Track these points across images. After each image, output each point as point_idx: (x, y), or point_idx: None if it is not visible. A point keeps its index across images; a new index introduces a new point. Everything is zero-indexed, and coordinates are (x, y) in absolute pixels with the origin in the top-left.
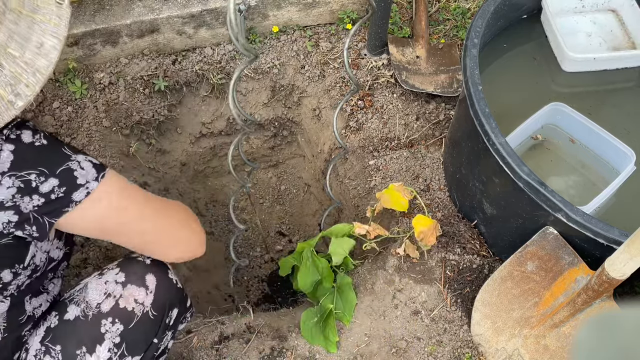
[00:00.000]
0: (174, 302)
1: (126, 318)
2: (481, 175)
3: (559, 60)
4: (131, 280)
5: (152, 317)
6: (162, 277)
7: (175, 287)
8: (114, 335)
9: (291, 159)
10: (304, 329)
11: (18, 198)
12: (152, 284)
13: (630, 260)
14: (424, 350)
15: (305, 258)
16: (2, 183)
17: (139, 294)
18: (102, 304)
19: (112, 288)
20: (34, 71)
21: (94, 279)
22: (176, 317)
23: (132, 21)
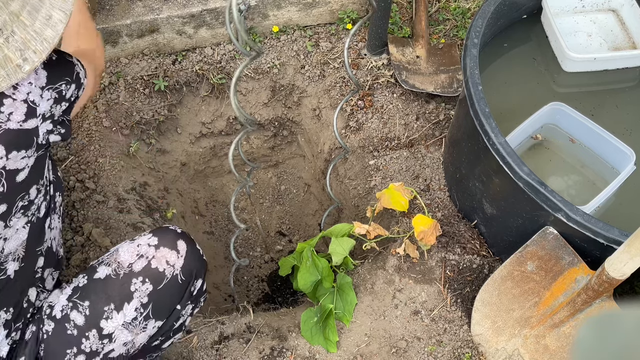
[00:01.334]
0: (200, 271)
1: (157, 278)
2: (481, 175)
3: (559, 60)
4: (164, 244)
5: (180, 281)
6: (192, 245)
7: (202, 258)
8: (142, 294)
9: (291, 159)
10: (304, 329)
11: (54, 107)
12: (183, 250)
13: (630, 260)
14: (424, 350)
15: (305, 258)
16: (42, 96)
17: (170, 256)
18: (134, 264)
19: (144, 250)
20: (42, 40)
21: (126, 244)
22: (199, 289)
23: (132, 21)
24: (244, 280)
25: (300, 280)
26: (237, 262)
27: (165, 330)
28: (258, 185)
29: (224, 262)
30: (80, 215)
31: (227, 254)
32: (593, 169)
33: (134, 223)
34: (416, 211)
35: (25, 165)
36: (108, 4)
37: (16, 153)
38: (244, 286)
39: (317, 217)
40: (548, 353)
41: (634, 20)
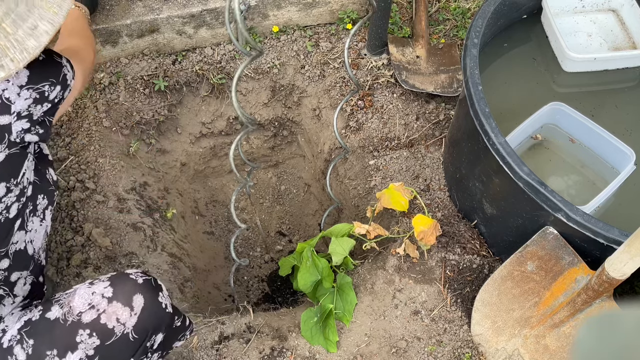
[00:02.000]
0: (159, 327)
1: (105, 334)
2: (481, 175)
3: (560, 60)
4: (118, 298)
5: (132, 339)
6: (151, 300)
7: (164, 312)
8: (88, 347)
9: (291, 159)
10: (304, 329)
11: (32, 107)
12: (138, 306)
13: (630, 260)
14: (424, 350)
15: (305, 258)
16: (20, 95)
17: (122, 313)
18: (84, 313)
19: (97, 300)
20: (22, 49)
21: (84, 287)
22: (162, 341)
23: (132, 21)
24: (244, 280)
25: (300, 280)
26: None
27: None
28: (258, 185)
29: (224, 262)
30: (80, 215)
31: (227, 254)
32: (593, 169)
33: (134, 223)
34: (416, 211)
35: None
36: (108, 4)
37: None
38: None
39: (317, 217)
40: (548, 353)
41: (634, 20)
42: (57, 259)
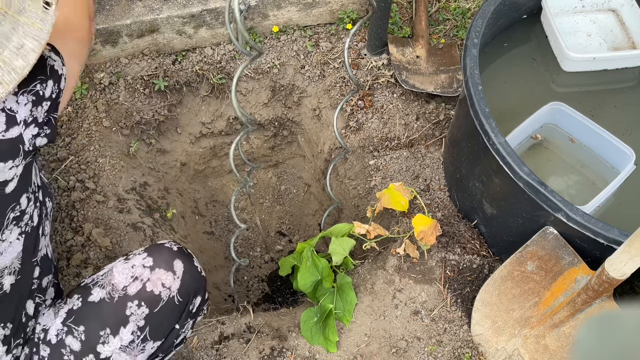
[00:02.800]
0: (198, 289)
1: (153, 301)
2: (481, 175)
3: (559, 60)
4: (159, 265)
5: (178, 302)
6: (189, 263)
7: (200, 275)
8: (139, 318)
9: (291, 159)
10: (304, 329)
11: (34, 110)
12: (179, 270)
13: (630, 260)
14: (424, 350)
15: (305, 258)
16: (19, 102)
17: (166, 278)
18: (129, 286)
19: (139, 272)
20: (9, 70)
21: (120, 263)
22: (199, 305)
23: (132, 21)
24: (244, 280)
25: (300, 280)
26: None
27: (165, 348)
28: (258, 185)
29: (224, 262)
30: (80, 215)
31: (227, 254)
32: (593, 169)
33: (134, 223)
34: (416, 211)
35: (14, 175)
36: (108, 4)
37: (3, 165)
38: (244, 286)
39: (317, 217)
40: (548, 353)
41: (634, 20)
42: (57, 259)
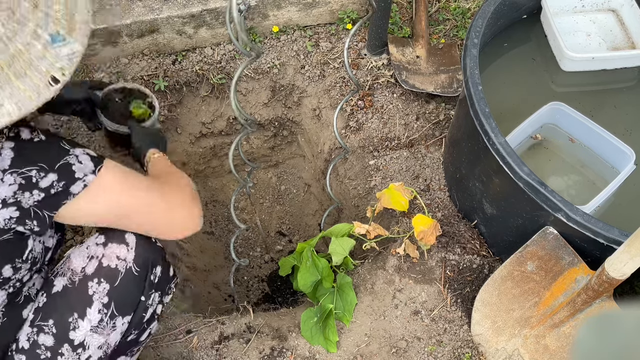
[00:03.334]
0: (156, 259)
1: (111, 276)
2: (481, 175)
3: (558, 59)
4: (111, 240)
5: (136, 272)
6: (141, 235)
7: (155, 245)
8: (101, 295)
9: (291, 159)
10: (304, 329)
11: (19, 194)
12: (132, 242)
13: (630, 260)
14: (424, 350)
15: (305, 258)
16: (3, 180)
17: (120, 251)
18: (87, 267)
19: (93, 250)
20: None
21: (76, 249)
22: (161, 275)
23: (132, 21)
24: (244, 280)
25: (300, 280)
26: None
27: (135, 323)
28: (258, 185)
29: (224, 262)
30: None
31: (227, 254)
32: (593, 169)
33: None
34: (416, 211)
35: None
36: (108, 4)
37: None
38: (244, 286)
39: (317, 217)
40: (548, 353)
41: (634, 20)
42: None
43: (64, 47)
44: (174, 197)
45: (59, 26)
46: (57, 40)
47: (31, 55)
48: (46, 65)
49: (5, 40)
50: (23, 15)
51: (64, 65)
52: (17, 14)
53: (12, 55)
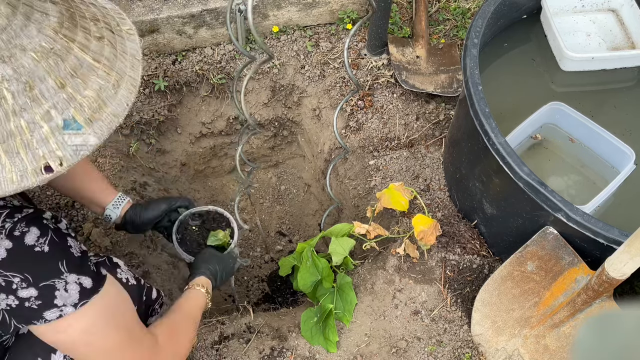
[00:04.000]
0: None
1: None
2: (481, 175)
3: (558, 59)
4: None
5: None
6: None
7: (126, 286)
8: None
9: (291, 159)
10: (304, 329)
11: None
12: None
13: (630, 260)
14: (424, 350)
15: (305, 258)
16: None
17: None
18: None
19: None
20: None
21: None
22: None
23: (132, 21)
24: (244, 280)
25: (300, 280)
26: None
27: None
28: (258, 185)
29: None
30: (80, 215)
31: None
32: (593, 169)
33: None
34: (416, 211)
35: None
36: None
37: None
38: (244, 286)
39: (317, 217)
40: (548, 353)
41: (634, 20)
42: None
43: (76, 136)
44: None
45: (79, 113)
46: (69, 127)
47: (33, 136)
48: (45, 150)
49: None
50: (42, 92)
51: (65, 156)
52: (35, 90)
53: (10, 131)
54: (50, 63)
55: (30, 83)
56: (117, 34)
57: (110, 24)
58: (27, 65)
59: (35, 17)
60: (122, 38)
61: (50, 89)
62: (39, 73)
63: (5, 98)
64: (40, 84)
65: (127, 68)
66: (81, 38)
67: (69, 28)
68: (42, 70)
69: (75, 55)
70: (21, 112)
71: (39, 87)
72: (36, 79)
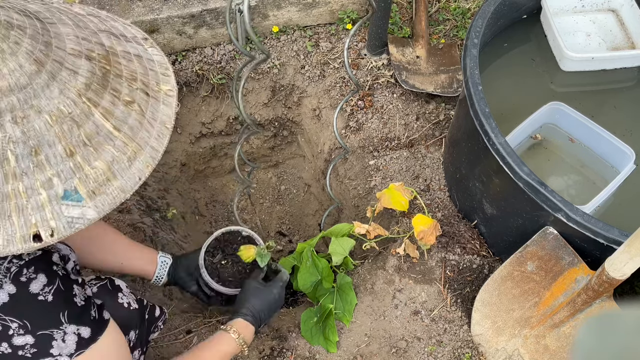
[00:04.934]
0: (127, 326)
1: None
2: (481, 175)
3: (558, 59)
4: None
5: None
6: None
7: (127, 311)
8: None
9: (291, 159)
10: (304, 329)
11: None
12: None
13: (630, 260)
14: (424, 350)
15: (305, 258)
16: None
17: None
18: None
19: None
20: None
21: None
22: (137, 337)
23: (132, 21)
24: None
25: (300, 280)
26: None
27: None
28: (258, 185)
29: None
30: None
31: None
32: (593, 169)
33: (134, 223)
34: (416, 211)
35: None
36: (108, 4)
37: None
38: None
39: (317, 217)
40: (548, 353)
41: (634, 20)
42: None
43: (74, 208)
44: None
45: (83, 185)
46: (69, 197)
47: (28, 202)
48: (39, 218)
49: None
50: (47, 158)
51: (58, 227)
52: (42, 156)
53: (6, 193)
54: (63, 128)
55: (37, 148)
56: (152, 96)
57: (148, 84)
58: (38, 129)
59: (61, 77)
60: (156, 101)
61: (58, 155)
62: (49, 138)
63: (8, 160)
64: (48, 149)
65: (152, 138)
66: (107, 103)
67: (96, 90)
68: (53, 136)
69: (94, 122)
70: (22, 176)
71: (46, 152)
72: (44, 144)
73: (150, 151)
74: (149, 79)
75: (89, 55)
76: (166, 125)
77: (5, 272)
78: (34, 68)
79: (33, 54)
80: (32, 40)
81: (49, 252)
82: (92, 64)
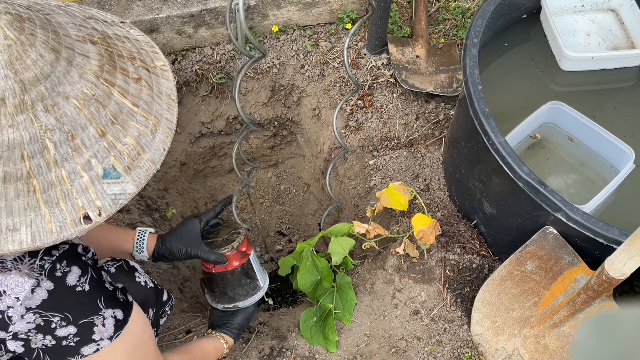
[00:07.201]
0: (146, 303)
1: None
2: (481, 175)
3: (557, 59)
4: None
5: None
6: (130, 282)
7: (145, 289)
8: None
9: (291, 159)
10: (304, 329)
11: (33, 334)
12: None
13: (630, 260)
14: (424, 350)
15: (305, 258)
16: (24, 317)
17: None
18: None
19: None
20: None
21: None
22: (154, 316)
23: (132, 21)
24: None
25: (300, 280)
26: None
27: None
28: (258, 185)
29: None
30: None
31: None
32: (593, 168)
33: (134, 223)
34: (416, 211)
35: None
36: (108, 4)
37: None
38: None
39: (317, 217)
40: (548, 353)
41: (634, 20)
42: None
43: (115, 185)
44: None
45: (119, 162)
46: (109, 176)
47: (73, 186)
48: (85, 200)
49: (51, 164)
50: (83, 142)
51: (104, 206)
52: (78, 140)
53: (50, 181)
54: (92, 111)
55: (73, 133)
56: (152, 73)
57: (145, 62)
58: (70, 114)
59: (77, 62)
60: (157, 77)
61: (92, 137)
62: (81, 122)
63: (48, 148)
64: (82, 132)
65: (164, 110)
66: (121, 82)
67: (110, 72)
68: (84, 119)
69: (116, 101)
70: (63, 162)
71: (81, 136)
72: (78, 128)
73: (167, 122)
74: (144, 57)
75: (91, 40)
76: (171, 97)
77: (40, 270)
78: (53, 57)
79: (49, 43)
80: (44, 30)
81: (74, 245)
82: (98, 48)
